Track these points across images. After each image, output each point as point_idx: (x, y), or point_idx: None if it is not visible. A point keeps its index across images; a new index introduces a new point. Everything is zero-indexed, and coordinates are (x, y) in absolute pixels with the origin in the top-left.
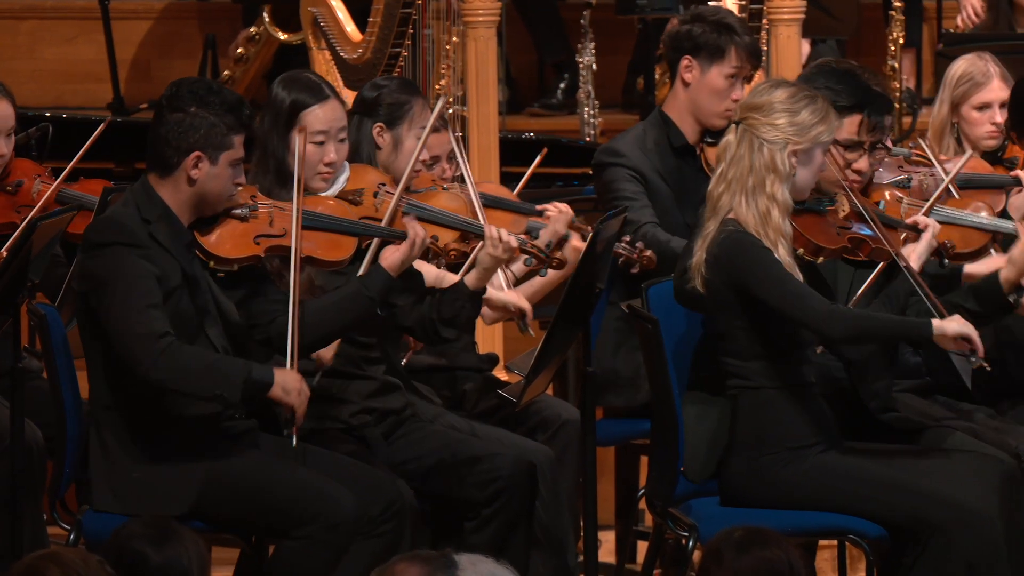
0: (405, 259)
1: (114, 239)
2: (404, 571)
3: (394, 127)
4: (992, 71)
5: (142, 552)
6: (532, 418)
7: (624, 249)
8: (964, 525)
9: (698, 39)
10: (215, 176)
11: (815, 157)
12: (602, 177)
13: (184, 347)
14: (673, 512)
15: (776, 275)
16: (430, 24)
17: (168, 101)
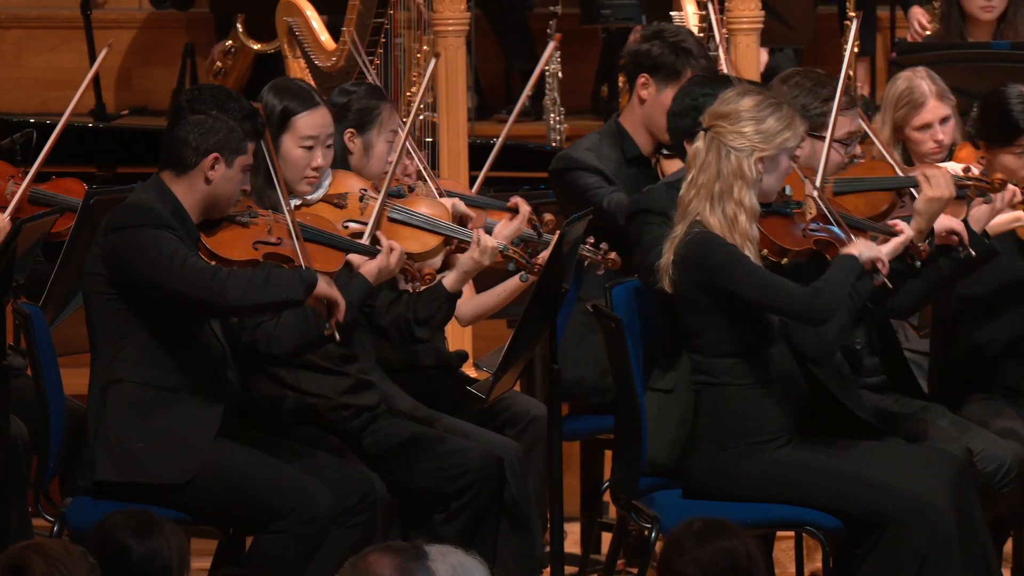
0: (383, 269)
1: (142, 220)
2: (377, 561)
3: (364, 132)
4: (927, 90)
5: (124, 543)
6: (503, 414)
7: (589, 251)
8: (917, 517)
9: (656, 59)
10: (229, 179)
11: (781, 163)
12: (563, 180)
13: (235, 270)
14: (636, 504)
15: (748, 268)
16: (401, 33)
17: (189, 103)
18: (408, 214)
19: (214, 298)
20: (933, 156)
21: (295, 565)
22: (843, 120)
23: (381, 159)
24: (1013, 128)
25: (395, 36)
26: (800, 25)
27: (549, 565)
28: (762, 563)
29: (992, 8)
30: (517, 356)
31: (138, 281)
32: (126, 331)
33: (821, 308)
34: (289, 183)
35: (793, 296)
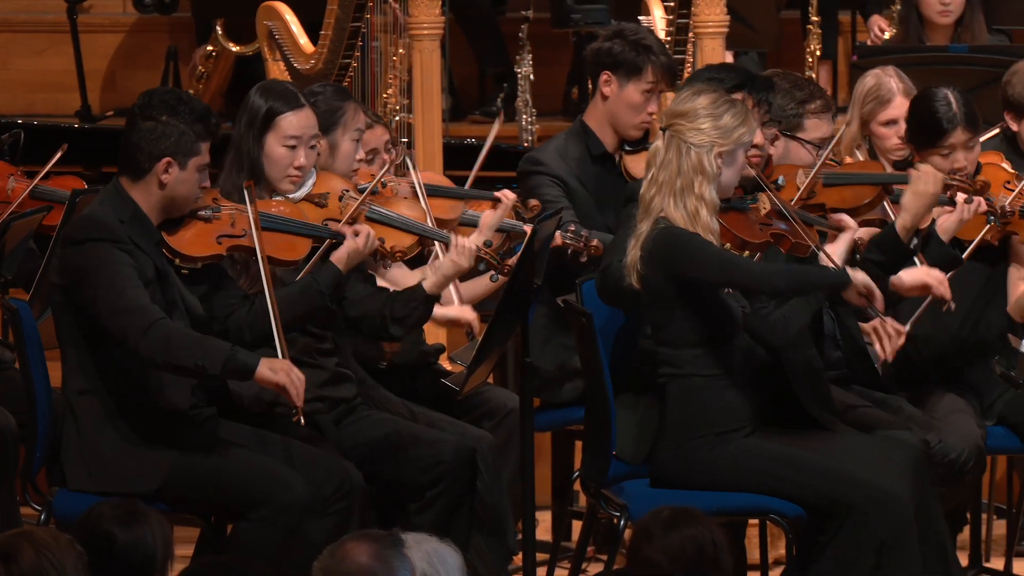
0: (352, 254)
1: (95, 235)
2: (354, 549)
3: (330, 132)
4: (895, 88)
5: (111, 532)
6: (479, 407)
7: (571, 239)
8: (877, 505)
9: (618, 56)
10: (184, 180)
11: (738, 157)
12: (527, 183)
13: (171, 323)
14: (606, 493)
15: (712, 252)
16: (378, 37)
17: (140, 110)
18: (385, 214)
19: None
20: (897, 152)
21: (273, 552)
22: (819, 123)
23: (347, 158)
24: (939, 130)
25: (372, 39)
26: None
27: (521, 552)
28: (728, 551)
29: (949, 12)
30: (490, 350)
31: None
32: (86, 340)
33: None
34: (273, 181)
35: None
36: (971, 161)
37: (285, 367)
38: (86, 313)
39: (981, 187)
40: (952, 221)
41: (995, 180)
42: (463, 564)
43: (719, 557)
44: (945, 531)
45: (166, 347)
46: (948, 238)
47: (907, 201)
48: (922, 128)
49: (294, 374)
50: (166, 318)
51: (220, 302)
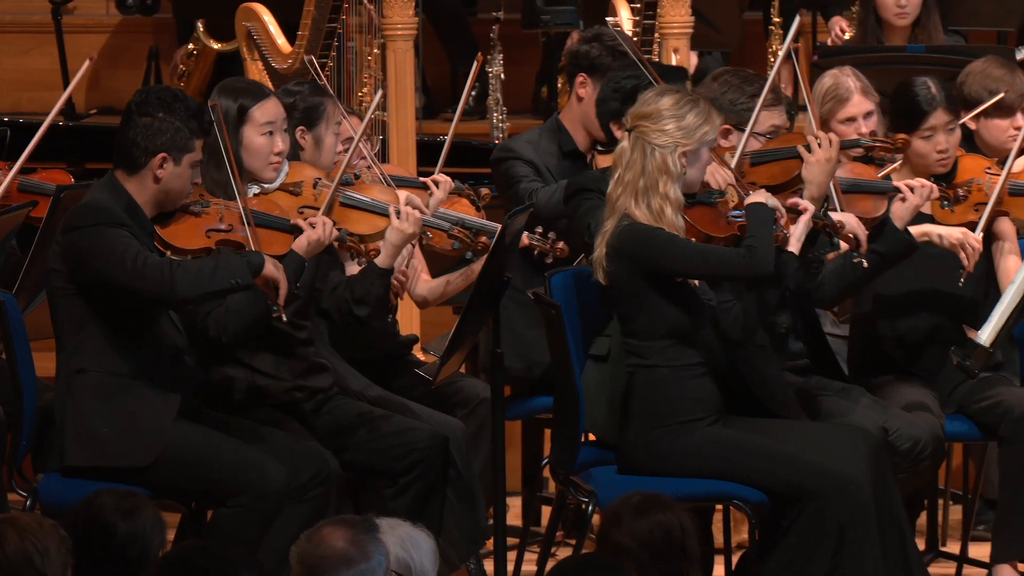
0: (311, 241)
1: (97, 220)
2: (331, 534)
3: (313, 128)
4: (852, 86)
5: (111, 522)
6: (454, 396)
7: (537, 241)
8: (837, 491)
9: (594, 60)
10: (178, 176)
11: (702, 155)
12: (499, 169)
13: (184, 261)
14: (574, 480)
15: (682, 245)
16: (353, 37)
17: (138, 106)
18: (357, 199)
19: (165, 292)
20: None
21: (253, 537)
22: (769, 114)
23: (331, 151)
24: (919, 113)
25: (347, 40)
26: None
27: (492, 537)
28: (695, 535)
29: (906, 14)
30: (462, 341)
31: (95, 278)
32: (87, 323)
33: (760, 264)
34: (256, 171)
35: (732, 259)
36: (952, 145)
37: (280, 265)
38: (97, 292)
39: (902, 144)
40: (906, 208)
41: (976, 168)
42: (435, 548)
43: (686, 542)
44: (903, 516)
45: (201, 283)
46: (903, 225)
47: (806, 172)
48: (903, 113)
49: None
50: (175, 262)
51: None
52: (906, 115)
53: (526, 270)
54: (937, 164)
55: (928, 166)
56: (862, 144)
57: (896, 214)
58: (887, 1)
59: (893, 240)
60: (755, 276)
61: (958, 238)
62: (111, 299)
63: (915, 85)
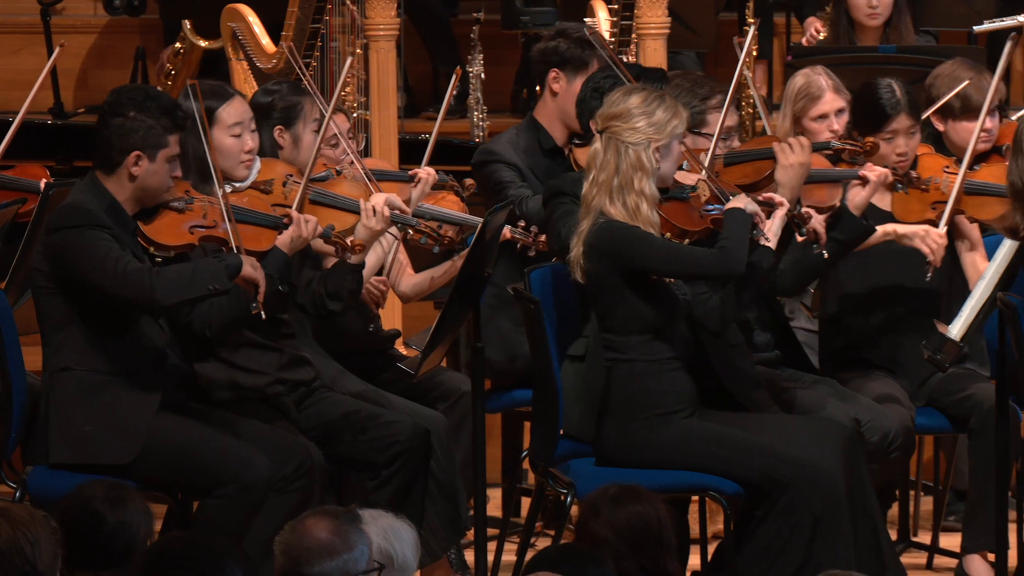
0: (295, 239)
1: (79, 221)
2: (315, 524)
3: (291, 126)
4: (824, 84)
5: (100, 512)
6: (435, 389)
7: (520, 234)
8: (810, 482)
9: (564, 53)
10: (154, 172)
11: (674, 149)
12: (482, 173)
13: (164, 268)
14: (553, 471)
15: (656, 243)
16: (336, 37)
17: (110, 107)
18: (328, 196)
19: (145, 298)
20: None
21: (238, 527)
22: (718, 117)
23: (309, 149)
24: (882, 114)
25: (331, 40)
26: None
27: (473, 527)
28: (671, 526)
29: (877, 15)
30: (443, 335)
31: (76, 279)
32: (70, 322)
33: (731, 263)
34: (228, 170)
35: (704, 259)
36: (912, 148)
37: (258, 264)
38: (78, 292)
39: (871, 148)
40: (862, 195)
41: (934, 167)
42: (417, 539)
43: (663, 532)
44: (876, 507)
45: (180, 289)
46: (859, 212)
47: (779, 176)
48: (867, 115)
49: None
50: (156, 268)
51: None
52: (870, 117)
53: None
54: (895, 165)
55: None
56: (833, 147)
57: (852, 201)
58: (859, 2)
59: (850, 227)
60: (726, 275)
61: (920, 235)
62: (93, 299)
63: (879, 88)
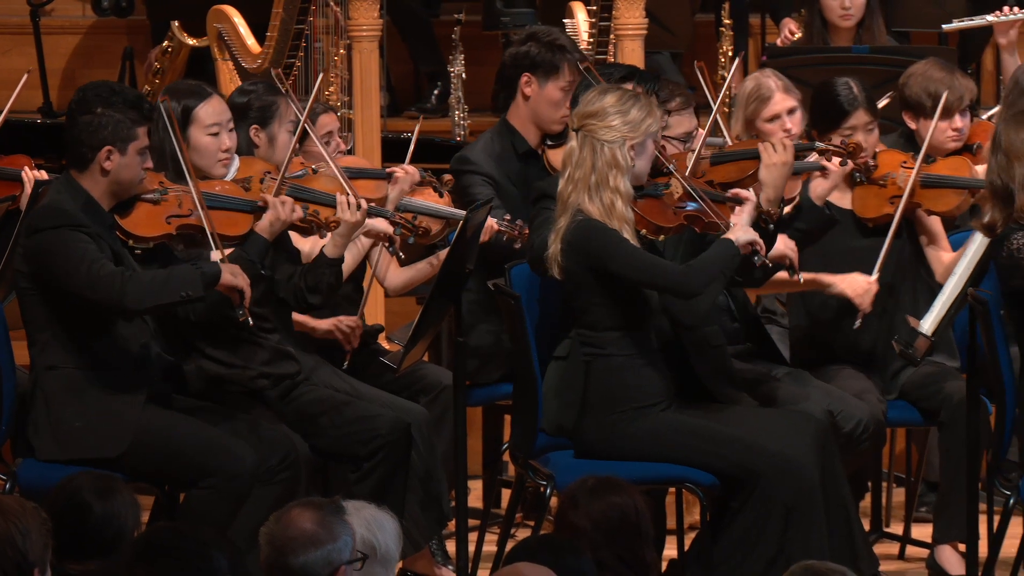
0: (274, 223)
1: (57, 222)
2: (299, 515)
3: (267, 126)
4: (773, 86)
5: (88, 503)
6: (415, 384)
7: (506, 227)
8: (784, 473)
9: (535, 58)
10: (126, 165)
11: (648, 147)
12: (460, 182)
13: (138, 273)
14: (533, 464)
15: (629, 251)
16: (320, 38)
17: (77, 105)
18: (304, 190)
19: (115, 302)
20: None
21: (224, 518)
22: (681, 119)
23: (285, 148)
24: (839, 112)
25: (314, 40)
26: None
27: (454, 518)
28: (649, 517)
29: (850, 16)
30: (425, 330)
31: (53, 281)
32: (54, 321)
33: (693, 284)
34: (205, 168)
35: (669, 274)
36: (870, 144)
37: (238, 270)
38: (58, 293)
39: (853, 149)
40: (824, 186)
41: (892, 162)
42: (399, 529)
43: (641, 523)
44: (848, 498)
45: (151, 294)
46: (821, 202)
47: (763, 175)
48: (825, 111)
49: (245, 277)
50: (131, 272)
51: None
52: (828, 114)
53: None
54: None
55: None
56: (817, 147)
57: (814, 192)
58: (832, 4)
59: (813, 217)
60: (685, 294)
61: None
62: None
63: (837, 86)
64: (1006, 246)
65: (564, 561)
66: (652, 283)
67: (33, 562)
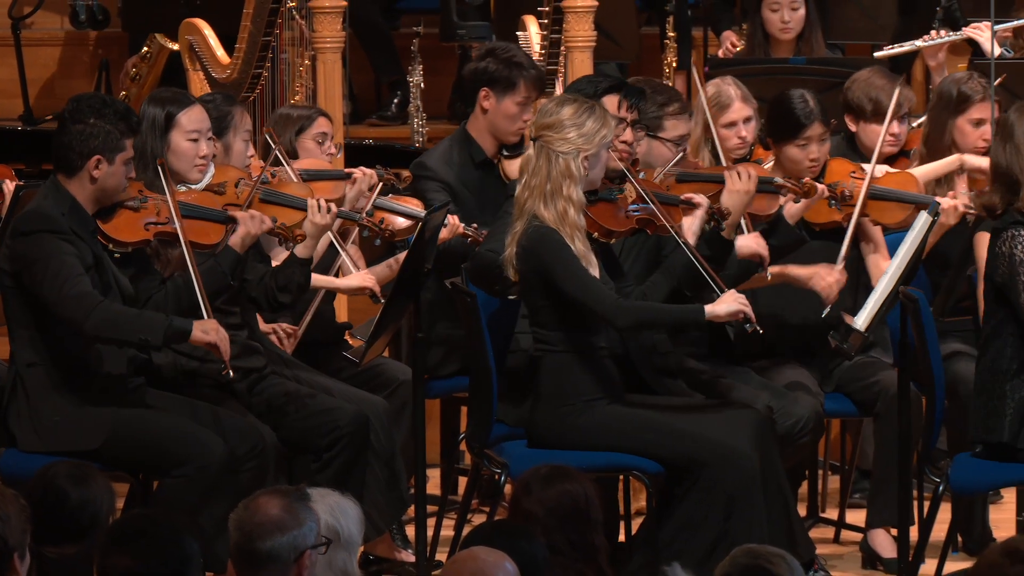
0: (246, 238)
1: (41, 227)
2: (266, 502)
3: (223, 136)
4: (733, 94)
5: (64, 490)
6: (377, 377)
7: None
8: (726, 463)
9: (493, 74)
10: (112, 174)
11: (601, 157)
12: (417, 187)
13: (112, 304)
14: (488, 453)
15: (573, 270)
16: (286, 49)
17: (71, 114)
18: (277, 195)
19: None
20: (737, 151)
21: (195, 505)
22: (676, 123)
23: (240, 156)
24: (796, 124)
25: (281, 52)
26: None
27: (414, 505)
28: (598, 503)
29: (789, 30)
30: (386, 327)
31: (30, 286)
32: (34, 319)
33: (620, 320)
34: (182, 172)
35: (603, 301)
36: (823, 153)
37: (213, 326)
38: (35, 297)
39: (808, 190)
40: (798, 208)
41: (842, 172)
42: (362, 515)
43: (590, 509)
44: (786, 485)
45: (111, 327)
46: (794, 221)
47: (726, 200)
48: (781, 123)
49: (221, 332)
50: (106, 300)
51: (142, 286)
52: (784, 125)
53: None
54: (807, 171)
55: (799, 172)
56: (775, 183)
57: (789, 212)
58: (772, 18)
59: (785, 234)
60: (611, 324)
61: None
62: None
63: (794, 99)
64: (1007, 240)
65: (517, 545)
66: (584, 303)
67: (13, 547)
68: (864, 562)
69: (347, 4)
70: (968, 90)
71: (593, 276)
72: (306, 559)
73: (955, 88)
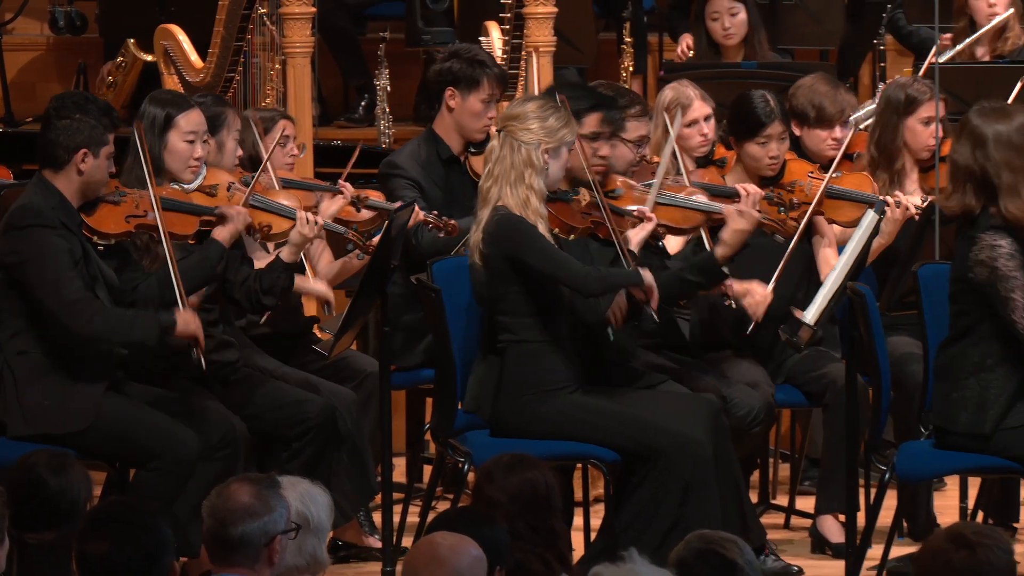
0: (232, 232)
1: (33, 221)
2: (238, 490)
3: (216, 135)
4: (692, 94)
5: (43, 478)
6: (345, 369)
7: (433, 219)
8: (681, 451)
9: (457, 73)
10: (98, 167)
11: (562, 154)
12: (387, 184)
13: (107, 307)
14: (452, 442)
15: (542, 245)
16: (258, 54)
17: (55, 111)
18: (266, 202)
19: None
20: (700, 149)
21: (170, 494)
22: (637, 125)
23: (231, 155)
24: (757, 122)
25: (252, 57)
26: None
27: (380, 492)
28: (558, 490)
29: (732, 35)
30: (354, 321)
31: (25, 285)
32: (24, 310)
33: (592, 287)
34: (175, 172)
35: (575, 272)
36: (782, 152)
37: (192, 317)
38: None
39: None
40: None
41: (800, 172)
42: (331, 502)
43: (551, 496)
44: (739, 473)
45: (109, 330)
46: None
47: (726, 236)
48: (743, 122)
49: (199, 322)
50: (101, 303)
51: (126, 276)
52: (746, 124)
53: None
54: (767, 168)
55: (760, 169)
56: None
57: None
58: (714, 27)
59: None
60: (584, 293)
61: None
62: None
63: (754, 99)
64: (986, 248)
65: (481, 531)
66: (557, 277)
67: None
68: (813, 547)
69: (316, 11)
70: (915, 92)
71: (559, 249)
72: (276, 544)
73: (902, 92)
